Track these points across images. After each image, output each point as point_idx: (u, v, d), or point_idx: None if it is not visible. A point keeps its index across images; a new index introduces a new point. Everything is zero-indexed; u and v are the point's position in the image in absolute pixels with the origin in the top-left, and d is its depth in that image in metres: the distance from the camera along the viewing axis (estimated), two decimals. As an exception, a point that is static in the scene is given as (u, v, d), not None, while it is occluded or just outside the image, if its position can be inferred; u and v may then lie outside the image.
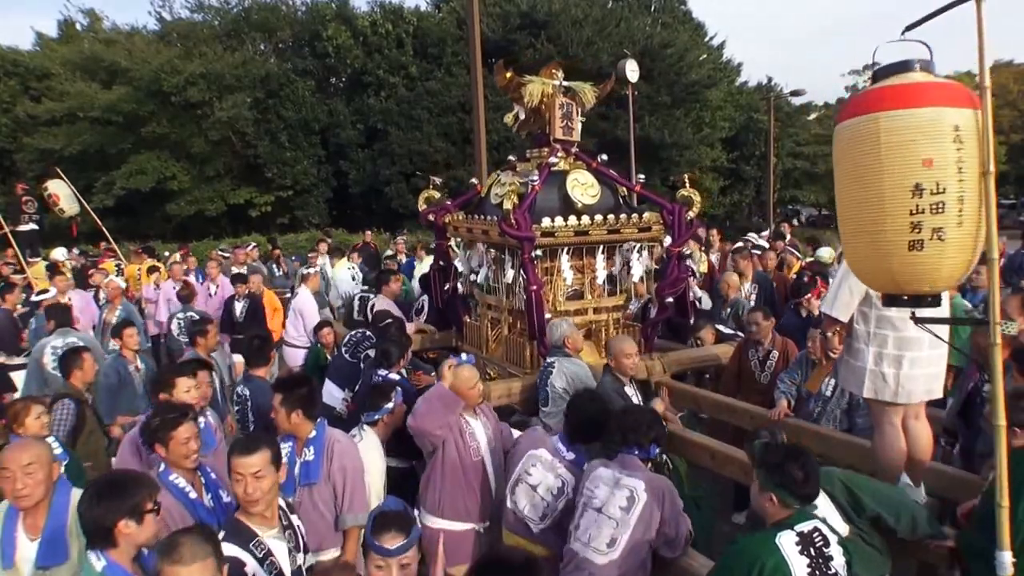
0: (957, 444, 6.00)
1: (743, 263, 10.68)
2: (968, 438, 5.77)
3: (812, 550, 3.37)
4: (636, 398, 6.03)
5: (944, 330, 4.25)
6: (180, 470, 4.39)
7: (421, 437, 5.16)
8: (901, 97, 3.09)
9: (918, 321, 3.56)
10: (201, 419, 5.28)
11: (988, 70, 3.11)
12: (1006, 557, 3.39)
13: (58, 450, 5.03)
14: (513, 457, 5.22)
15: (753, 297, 10.19)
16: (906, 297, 3.33)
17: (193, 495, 4.35)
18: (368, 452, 5.28)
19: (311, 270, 12.77)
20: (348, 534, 4.75)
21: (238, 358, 9.28)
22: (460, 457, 5.16)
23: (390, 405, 5.60)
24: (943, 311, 3.89)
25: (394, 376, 6.46)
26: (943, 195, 3.03)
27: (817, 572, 3.33)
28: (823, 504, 3.72)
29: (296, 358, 10.62)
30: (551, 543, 4.81)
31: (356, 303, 11.38)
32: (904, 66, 3.23)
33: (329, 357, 8.98)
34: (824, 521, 3.58)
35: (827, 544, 3.42)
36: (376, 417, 5.57)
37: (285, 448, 4.62)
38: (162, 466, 4.38)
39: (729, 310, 9.45)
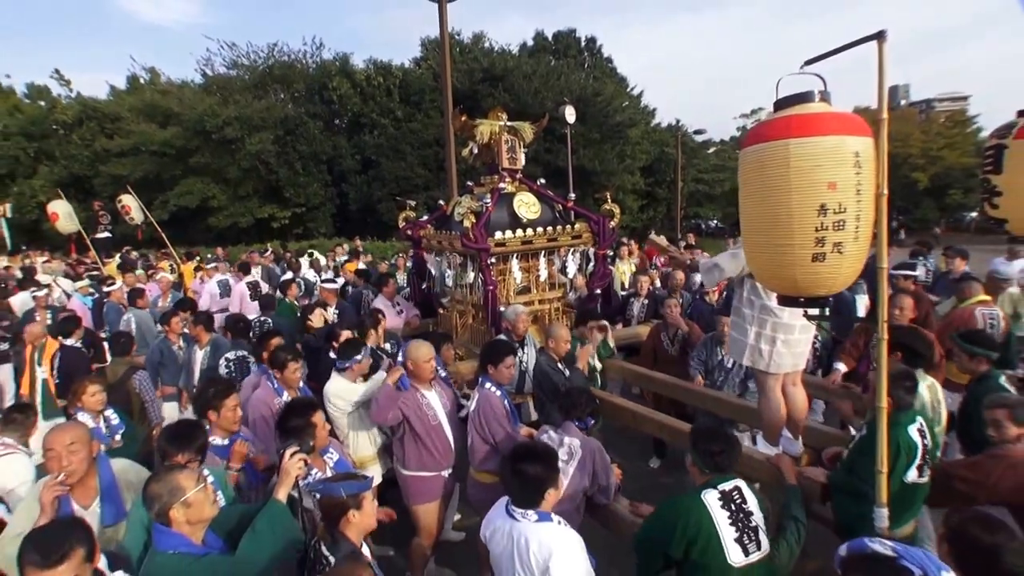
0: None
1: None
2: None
3: (732, 505, 3.18)
4: (566, 372, 5.84)
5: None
6: (220, 433, 4.22)
7: (383, 423, 5.00)
8: (808, 125, 2.70)
9: (811, 319, 3.34)
10: None
11: (885, 105, 2.75)
12: (883, 512, 3.26)
13: (115, 419, 4.93)
14: (475, 419, 4.90)
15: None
16: (802, 299, 2.99)
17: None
18: (334, 381, 5.40)
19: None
20: None
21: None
22: (422, 424, 4.90)
23: (359, 356, 5.42)
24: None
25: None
26: (844, 214, 2.69)
27: (739, 524, 3.15)
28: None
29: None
30: None
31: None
32: (805, 96, 2.82)
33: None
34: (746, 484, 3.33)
35: (745, 501, 3.22)
36: (347, 365, 5.40)
37: None
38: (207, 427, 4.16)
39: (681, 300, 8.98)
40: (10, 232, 22.66)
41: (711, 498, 3.16)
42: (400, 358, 5.12)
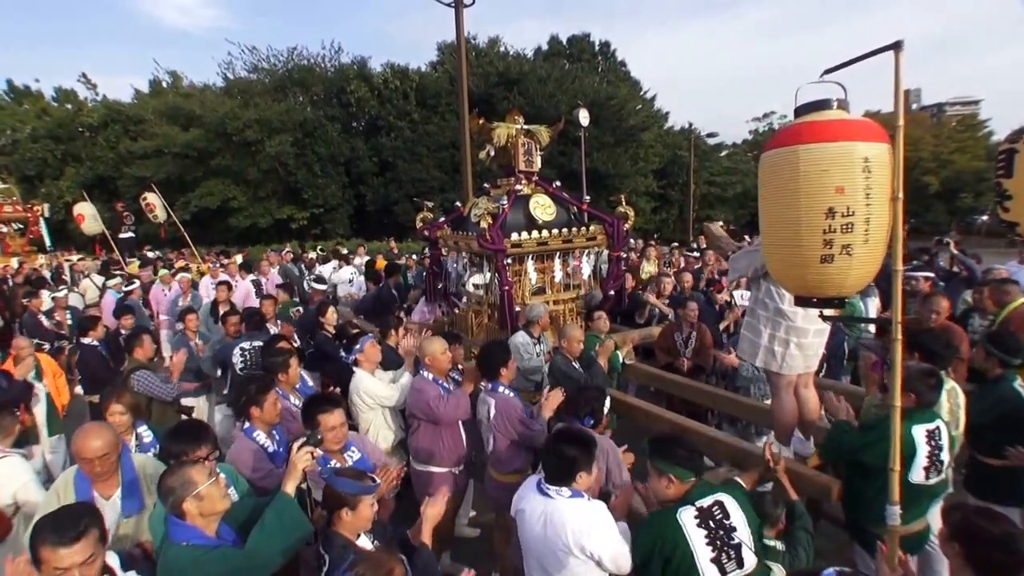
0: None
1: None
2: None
3: (711, 523, 3.00)
4: (580, 370, 5.87)
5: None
6: (263, 427, 4.31)
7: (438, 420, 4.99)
8: (817, 132, 2.75)
9: (826, 319, 3.35)
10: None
11: (902, 112, 2.76)
12: (895, 510, 3.16)
13: (148, 437, 4.58)
14: (497, 422, 4.87)
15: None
16: (815, 300, 3.01)
17: (271, 448, 4.26)
18: (363, 379, 5.38)
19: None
20: None
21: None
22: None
23: (359, 347, 5.56)
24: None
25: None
26: (852, 217, 2.71)
27: (717, 542, 2.97)
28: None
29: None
30: None
31: None
32: (823, 104, 2.86)
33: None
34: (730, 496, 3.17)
35: (727, 516, 3.04)
36: (352, 356, 5.58)
37: None
38: (247, 425, 4.34)
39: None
40: (48, 232, 22.99)
41: (687, 516, 3.01)
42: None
